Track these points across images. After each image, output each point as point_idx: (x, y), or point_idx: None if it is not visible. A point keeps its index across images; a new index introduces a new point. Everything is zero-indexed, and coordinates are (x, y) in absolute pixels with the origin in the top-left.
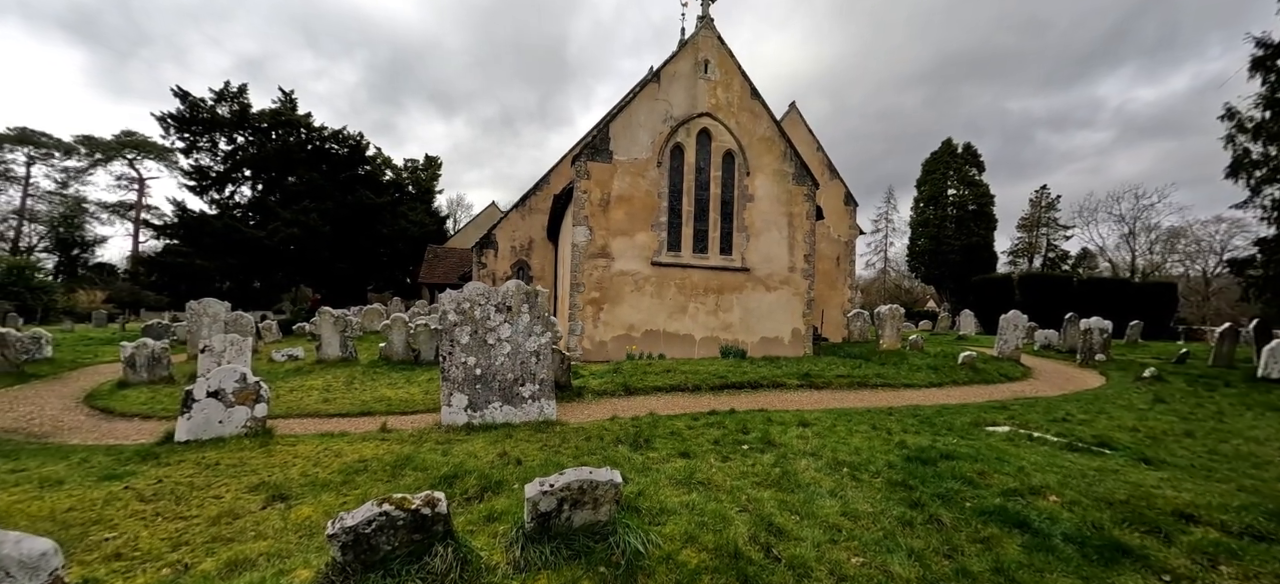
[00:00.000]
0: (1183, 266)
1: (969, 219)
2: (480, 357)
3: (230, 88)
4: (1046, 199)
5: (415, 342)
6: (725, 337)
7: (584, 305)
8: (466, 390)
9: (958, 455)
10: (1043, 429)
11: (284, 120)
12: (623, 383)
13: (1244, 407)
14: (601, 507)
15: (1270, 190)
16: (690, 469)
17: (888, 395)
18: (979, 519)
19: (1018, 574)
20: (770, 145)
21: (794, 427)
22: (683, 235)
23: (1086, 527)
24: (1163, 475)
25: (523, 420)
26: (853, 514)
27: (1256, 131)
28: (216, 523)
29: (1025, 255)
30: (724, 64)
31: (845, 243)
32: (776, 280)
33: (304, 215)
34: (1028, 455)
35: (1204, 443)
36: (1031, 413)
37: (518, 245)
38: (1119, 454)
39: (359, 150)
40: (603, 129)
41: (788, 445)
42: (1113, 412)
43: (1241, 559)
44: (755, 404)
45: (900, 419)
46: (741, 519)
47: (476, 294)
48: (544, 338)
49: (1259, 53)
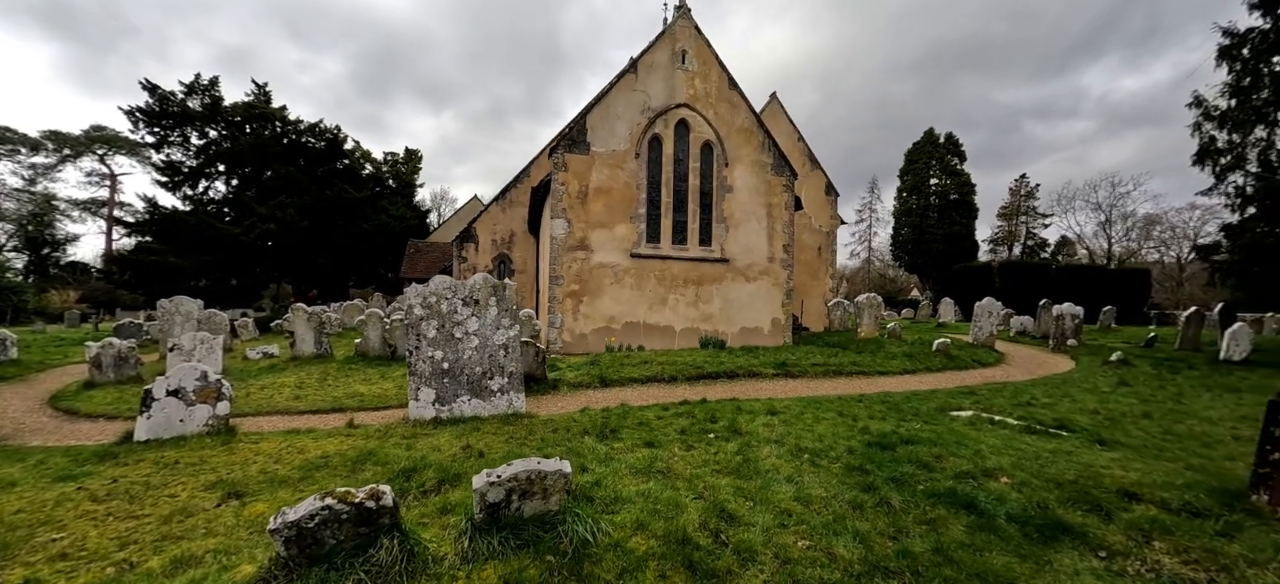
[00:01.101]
0: (1158, 253)
1: (951, 208)
2: (447, 350)
3: (200, 80)
4: (1026, 188)
5: (391, 337)
6: (705, 327)
7: (563, 298)
8: (434, 384)
9: (918, 440)
10: (1006, 413)
11: (258, 113)
12: (599, 375)
13: (1204, 388)
14: (551, 496)
15: (1234, 177)
16: (652, 458)
17: (862, 383)
18: (928, 501)
19: (957, 553)
20: (749, 136)
21: (762, 415)
22: (662, 227)
23: (1032, 506)
24: (1115, 456)
25: (491, 414)
26: (806, 499)
27: (1222, 120)
28: (168, 522)
29: (1005, 243)
30: (701, 54)
31: (826, 233)
32: (756, 271)
33: (280, 211)
34: (987, 439)
35: (1160, 424)
36: (998, 397)
37: (499, 238)
38: (1076, 436)
39: (336, 144)
40: (580, 121)
41: (753, 433)
42: (1076, 395)
43: (1174, 535)
44: (729, 394)
45: (869, 406)
46: (695, 506)
47: (443, 288)
48: (512, 331)
49: (1225, 42)
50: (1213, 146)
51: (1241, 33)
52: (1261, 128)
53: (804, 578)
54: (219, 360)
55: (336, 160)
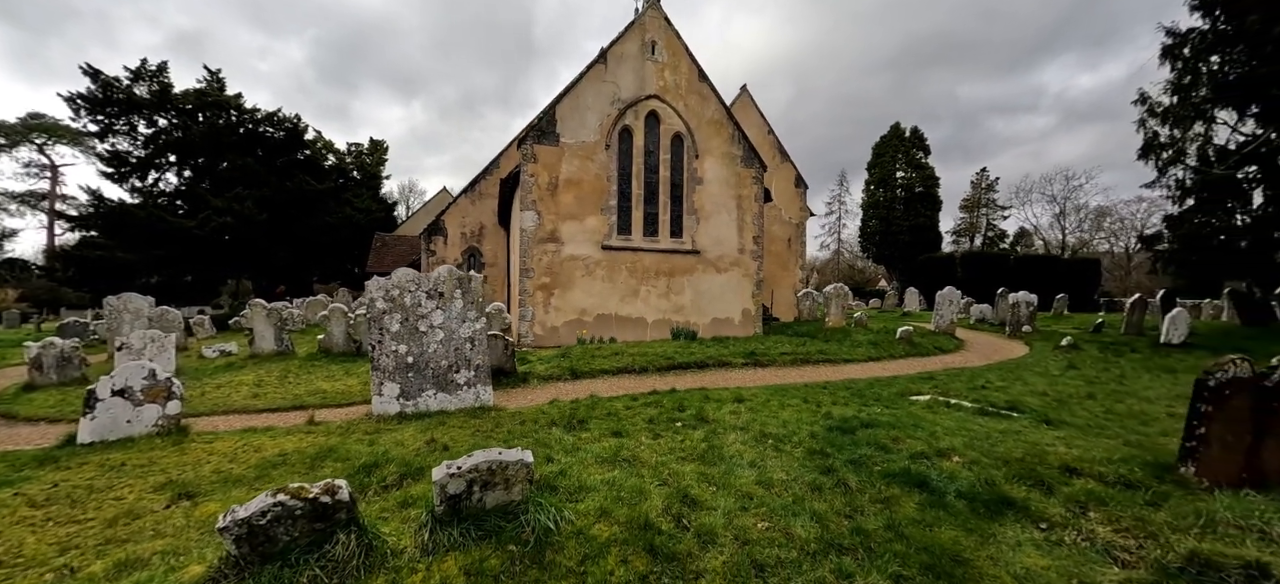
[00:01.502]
0: (1108, 244)
1: (916, 201)
2: (412, 344)
3: (147, 66)
4: (986, 181)
5: (356, 332)
6: (677, 319)
7: (534, 291)
8: (398, 379)
9: (877, 423)
10: (962, 396)
11: (211, 101)
12: (569, 367)
13: (1144, 370)
14: (514, 487)
15: (1175, 171)
16: (619, 447)
17: (828, 370)
18: (884, 481)
19: (908, 529)
20: (719, 128)
21: (729, 403)
22: (633, 219)
23: (980, 483)
24: (1060, 434)
25: (458, 407)
26: (767, 482)
27: (1165, 116)
28: (113, 525)
29: (967, 235)
30: (671, 46)
31: (796, 225)
32: (727, 262)
33: (237, 203)
34: (942, 421)
35: (1103, 404)
36: (955, 382)
37: (468, 231)
38: (1026, 416)
39: (297, 134)
40: (549, 112)
41: (720, 421)
42: (1028, 378)
43: (1108, 506)
44: (699, 383)
45: (833, 392)
46: (659, 492)
47: (406, 281)
48: (478, 324)
49: (1168, 41)
50: (1156, 141)
51: (1183, 33)
52: (1200, 124)
53: (762, 557)
54: (171, 359)
55: (297, 151)
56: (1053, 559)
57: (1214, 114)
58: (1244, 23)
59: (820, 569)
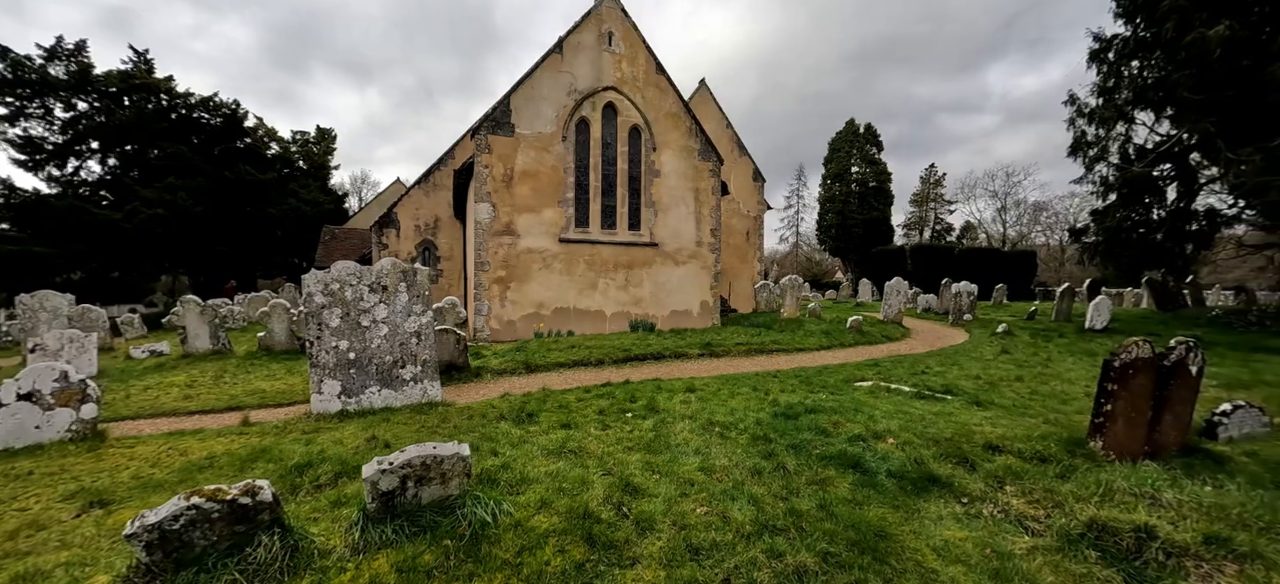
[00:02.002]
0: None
1: (870, 195)
2: (354, 340)
3: (63, 44)
4: (934, 176)
5: (300, 329)
6: (635, 311)
7: (490, 284)
8: (339, 376)
9: (821, 409)
10: (903, 381)
11: (138, 84)
12: (524, 361)
13: (1069, 354)
14: (451, 481)
15: (1100, 168)
16: (567, 439)
17: (781, 359)
18: (821, 464)
19: (839, 509)
20: (676, 121)
21: (681, 393)
22: (591, 211)
23: (910, 463)
24: (987, 415)
25: (404, 404)
26: (710, 469)
27: (1091, 116)
28: (14, 538)
29: (917, 228)
30: (628, 37)
31: (754, 218)
32: (685, 255)
33: (169, 194)
34: (882, 405)
35: (1029, 386)
36: (898, 368)
37: (422, 224)
38: (959, 399)
39: (235, 120)
40: (504, 102)
41: (670, 411)
42: (964, 363)
43: (1023, 480)
44: (654, 374)
45: (783, 381)
46: (602, 482)
47: (347, 274)
48: (425, 318)
49: (1095, 46)
50: (1084, 140)
51: (1108, 38)
52: (1122, 124)
53: (698, 541)
54: (93, 360)
55: (236, 139)
56: (970, 531)
57: (1134, 115)
58: (1161, 30)
59: (753, 549)
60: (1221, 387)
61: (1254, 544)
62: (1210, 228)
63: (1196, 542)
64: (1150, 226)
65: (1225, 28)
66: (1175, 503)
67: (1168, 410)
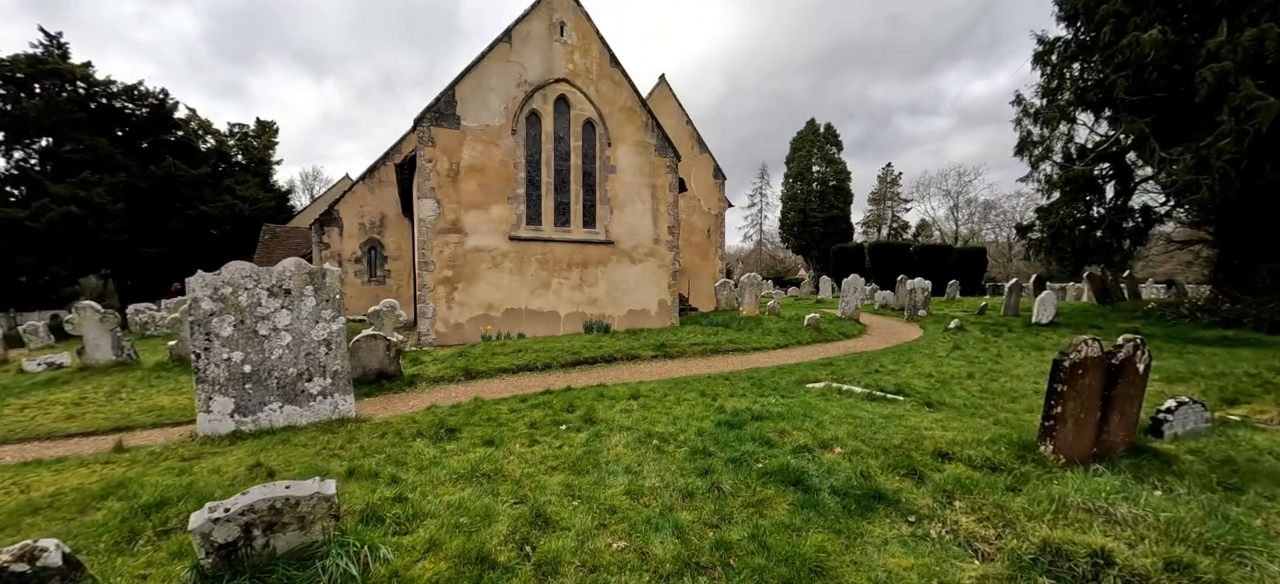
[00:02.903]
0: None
1: (830, 194)
2: (250, 351)
3: None
4: (891, 176)
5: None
6: (591, 311)
7: (435, 285)
8: (232, 392)
9: (768, 416)
10: (856, 381)
11: (50, 70)
12: (464, 367)
13: (1018, 349)
14: (312, 526)
15: (1044, 167)
16: (485, 459)
17: (737, 360)
18: (760, 481)
19: (772, 538)
20: (632, 115)
21: (625, 400)
22: (543, 208)
23: (855, 477)
24: (939, 417)
25: (311, 421)
26: (638, 492)
27: (1036, 116)
28: None
29: (875, 226)
30: (581, 27)
31: (715, 215)
32: (641, 252)
33: (83, 190)
34: (832, 409)
35: (980, 383)
36: (852, 367)
37: (367, 222)
38: (910, 399)
39: (163, 111)
40: (449, 92)
41: (609, 421)
42: (918, 361)
43: (972, 493)
44: (602, 379)
45: (734, 383)
46: (510, 514)
47: (241, 276)
48: (335, 324)
49: (1039, 49)
50: (1029, 140)
51: (1051, 41)
52: (1065, 124)
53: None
54: None
55: (165, 131)
56: (916, 557)
57: (1076, 116)
58: (1099, 33)
59: None
60: (1162, 380)
61: (1219, 572)
62: (1146, 224)
63: (1157, 568)
64: (1091, 223)
65: (1158, 32)
66: (1131, 519)
67: (1116, 409)
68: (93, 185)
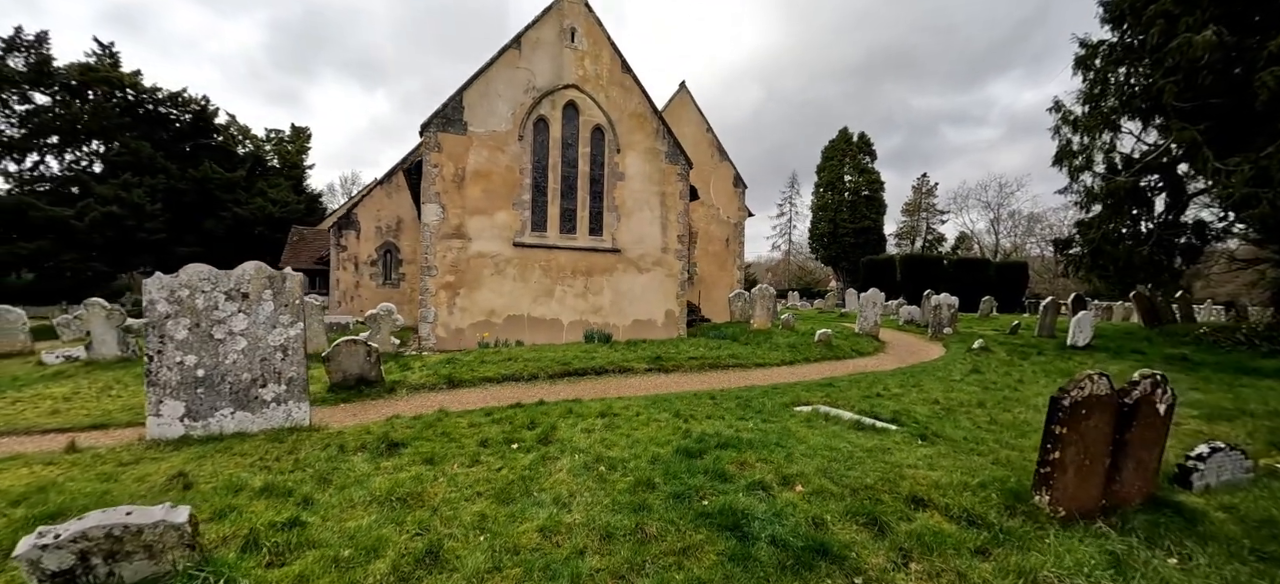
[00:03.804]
0: (1039, 248)
1: (862, 204)
2: (205, 355)
3: (23, 35)
4: (926, 186)
5: None
6: (595, 320)
7: (437, 291)
8: (184, 396)
9: (735, 443)
10: (851, 405)
11: (100, 78)
12: (448, 375)
13: (1044, 374)
14: (162, 555)
15: (1085, 177)
16: (412, 480)
17: (734, 376)
18: (694, 524)
19: None
20: (642, 122)
21: (592, 418)
22: (549, 214)
23: (806, 524)
24: (930, 452)
25: (262, 428)
26: (554, 528)
27: (1076, 124)
28: None
29: (908, 238)
30: (592, 33)
31: (735, 224)
32: (649, 261)
33: (124, 191)
34: (811, 438)
35: (990, 412)
36: (853, 389)
37: (384, 225)
38: (904, 430)
39: (204, 116)
40: (456, 98)
41: (566, 442)
42: (927, 384)
43: (934, 554)
44: (585, 392)
45: (718, 404)
46: (403, 547)
47: (199, 279)
48: (293, 330)
49: (1081, 52)
50: (1069, 148)
51: (1094, 44)
52: (1109, 132)
53: None
54: None
55: (206, 135)
56: None
57: (1121, 123)
58: (1147, 35)
59: None
60: (1203, 417)
61: None
62: (1199, 241)
63: None
64: (1137, 239)
65: (1212, 33)
66: None
67: (1129, 456)
68: (133, 186)
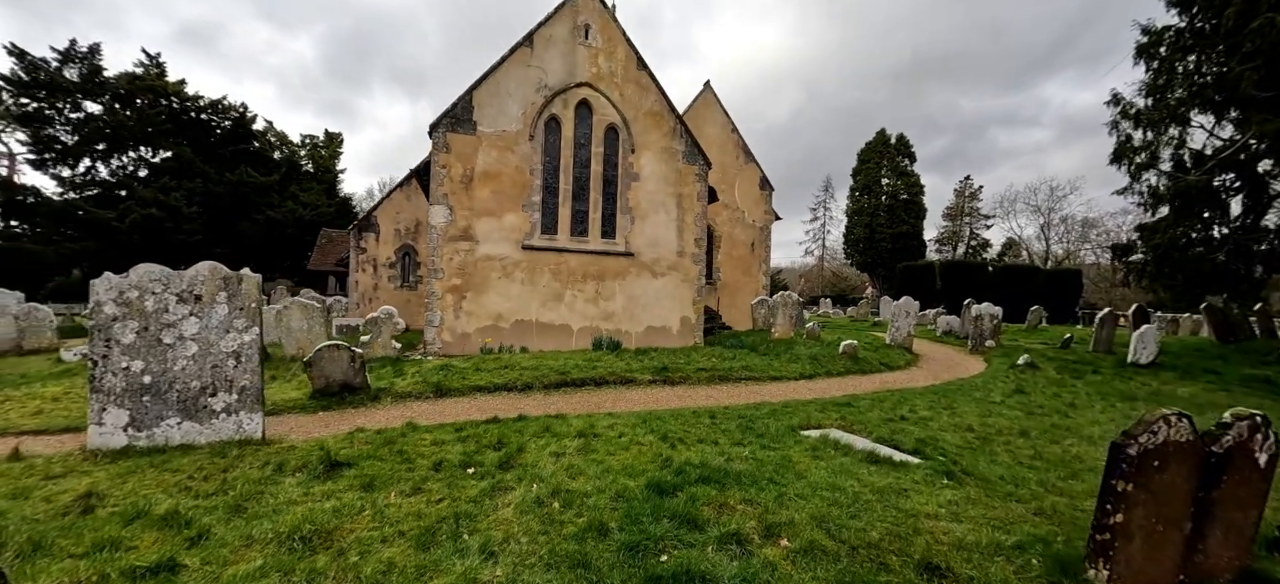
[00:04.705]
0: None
1: (900, 208)
2: (151, 360)
3: (77, 47)
4: (969, 189)
5: None
6: (606, 326)
7: (444, 294)
8: (129, 404)
9: (721, 477)
10: (869, 430)
11: (147, 86)
12: (437, 383)
13: (1099, 396)
14: None
15: (1148, 176)
16: (325, 515)
17: (745, 391)
18: None
19: None
20: (658, 121)
21: (569, 438)
22: (560, 217)
23: None
24: (956, 496)
25: (210, 439)
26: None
27: (1138, 119)
28: None
29: (949, 244)
30: (606, 30)
31: (760, 228)
32: (664, 265)
33: (164, 194)
34: (814, 472)
35: (1034, 444)
36: (875, 410)
37: (403, 228)
38: (927, 464)
39: (243, 123)
40: (466, 97)
41: (527, 466)
42: (962, 406)
43: None
44: (575, 406)
45: (717, 424)
46: None
47: (149, 280)
48: (247, 335)
49: (1143, 39)
50: (1129, 145)
51: (1158, 30)
52: (1175, 127)
53: None
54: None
55: (244, 141)
56: None
57: (1189, 117)
58: (1221, 18)
59: None
60: None
61: None
62: None
63: None
64: (1209, 244)
65: None
66: None
67: (1217, 519)
68: (172, 190)
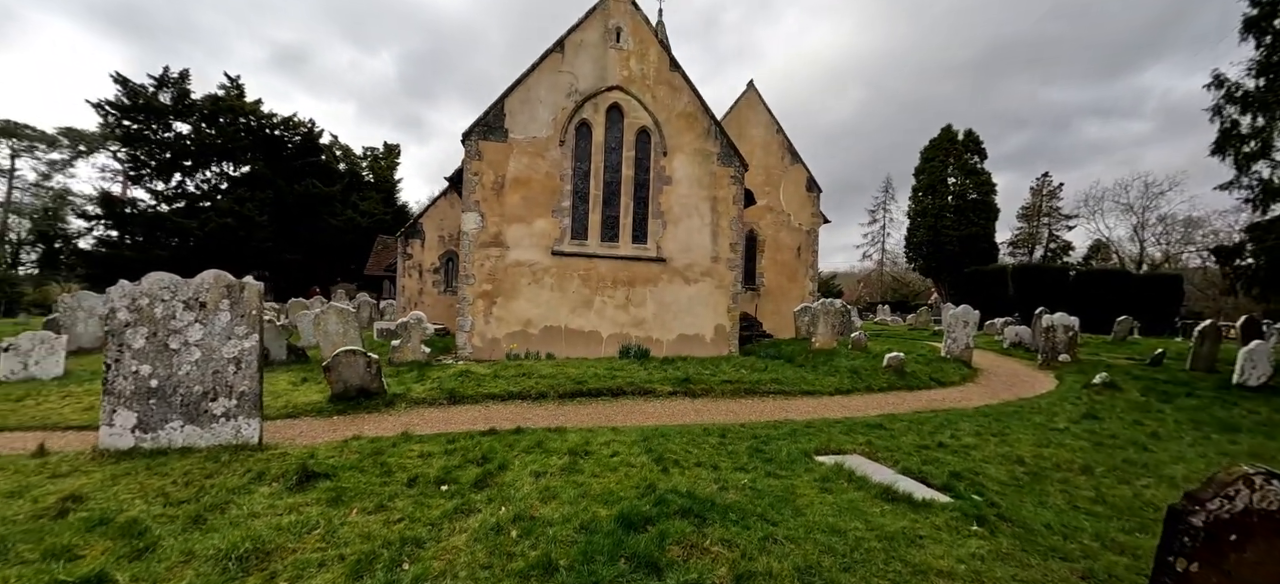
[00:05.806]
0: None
1: (968, 209)
2: (159, 365)
3: (170, 73)
4: (1047, 187)
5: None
6: (636, 334)
7: (474, 299)
8: (137, 406)
9: (704, 510)
10: (896, 459)
11: (227, 106)
12: (451, 390)
13: (1192, 425)
14: None
15: (1258, 168)
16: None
17: (772, 406)
18: None
19: None
20: (691, 122)
21: (558, 456)
22: (590, 222)
23: None
24: (984, 547)
25: (210, 443)
26: None
27: (1246, 102)
28: None
29: (1025, 246)
30: (638, 32)
31: (807, 231)
32: (697, 271)
33: (238, 205)
34: (815, 508)
35: (1097, 484)
36: (910, 433)
37: (446, 235)
38: (957, 504)
39: (310, 137)
40: (498, 105)
41: (502, 487)
42: (1015, 432)
43: None
44: (583, 419)
45: (727, 443)
46: None
47: (159, 287)
48: (248, 341)
49: (1252, 12)
50: (1234, 132)
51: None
52: None
53: None
54: (60, 363)
55: (313, 155)
56: None
57: None
58: None
59: None
60: None
61: None
62: None
63: None
64: None
65: None
66: None
67: None
68: (246, 201)
